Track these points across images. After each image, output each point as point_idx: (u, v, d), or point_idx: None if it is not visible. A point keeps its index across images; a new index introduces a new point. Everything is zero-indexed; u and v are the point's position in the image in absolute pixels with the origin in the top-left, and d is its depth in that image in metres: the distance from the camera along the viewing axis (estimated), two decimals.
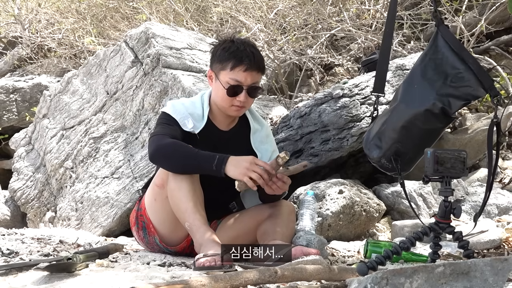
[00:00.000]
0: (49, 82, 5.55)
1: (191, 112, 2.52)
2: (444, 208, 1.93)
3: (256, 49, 2.52)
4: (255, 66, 2.45)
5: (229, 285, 1.68)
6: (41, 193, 4.20)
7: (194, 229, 2.31)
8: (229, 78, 2.44)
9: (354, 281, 1.53)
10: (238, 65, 2.43)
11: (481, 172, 3.92)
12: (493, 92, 2.17)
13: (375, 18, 5.00)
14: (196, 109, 2.54)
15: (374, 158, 2.33)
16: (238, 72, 2.43)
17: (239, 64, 2.43)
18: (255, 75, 2.46)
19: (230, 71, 2.44)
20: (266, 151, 2.60)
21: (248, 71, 2.44)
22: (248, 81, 2.45)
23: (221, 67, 2.47)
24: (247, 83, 2.45)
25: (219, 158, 2.30)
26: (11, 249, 2.46)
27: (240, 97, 2.45)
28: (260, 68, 2.49)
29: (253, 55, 2.45)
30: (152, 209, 2.51)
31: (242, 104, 2.47)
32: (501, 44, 5.24)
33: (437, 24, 2.29)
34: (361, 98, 3.51)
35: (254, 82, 2.47)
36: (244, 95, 2.45)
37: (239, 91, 2.45)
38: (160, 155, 2.39)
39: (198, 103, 2.57)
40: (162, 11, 5.90)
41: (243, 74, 2.43)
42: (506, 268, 1.49)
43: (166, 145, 2.36)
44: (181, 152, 2.34)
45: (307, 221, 2.71)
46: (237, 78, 2.44)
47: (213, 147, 2.46)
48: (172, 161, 2.36)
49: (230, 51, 2.46)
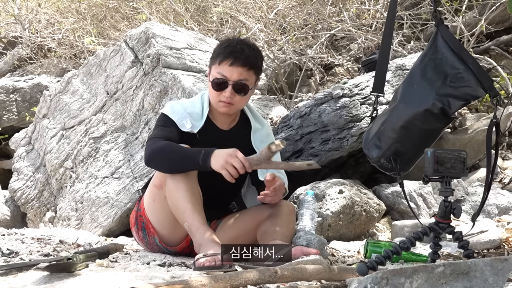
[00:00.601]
0: (49, 82, 5.55)
1: (190, 111, 2.52)
2: (444, 208, 1.93)
3: (250, 47, 2.50)
4: (241, 62, 2.43)
5: (229, 285, 1.68)
6: (41, 193, 4.20)
7: (193, 229, 2.31)
8: (216, 73, 2.46)
9: (354, 281, 1.53)
10: (225, 60, 2.44)
11: (481, 172, 3.92)
12: (492, 92, 2.17)
13: (375, 18, 5.00)
14: (195, 109, 2.54)
15: (374, 158, 2.33)
16: (224, 67, 2.44)
17: (226, 59, 2.44)
18: (242, 71, 2.44)
19: (218, 65, 2.46)
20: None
21: (234, 66, 2.43)
22: (234, 76, 2.44)
23: (212, 62, 2.51)
24: (233, 78, 2.44)
25: (204, 152, 2.31)
26: (11, 249, 2.46)
27: (226, 92, 2.45)
28: (250, 65, 2.46)
29: (242, 51, 2.45)
30: (151, 209, 2.51)
31: (229, 100, 2.46)
32: (501, 44, 5.24)
33: (437, 24, 2.29)
34: (361, 98, 3.51)
35: (241, 79, 2.45)
36: (229, 90, 2.45)
37: (224, 86, 2.45)
38: (153, 158, 2.41)
39: (197, 102, 2.57)
40: (162, 11, 5.90)
41: (229, 69, 2.43)
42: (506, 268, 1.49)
43: (158, 148, 2.38)
44: (171, 152, 2.36)
45: (307, 221, 2.71)
46: (223, 72, 2.45)
47: (213, 146, 2.46)
48: (164, 163, 2.38)
49: (222, 46, 2.49)
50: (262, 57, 2.58)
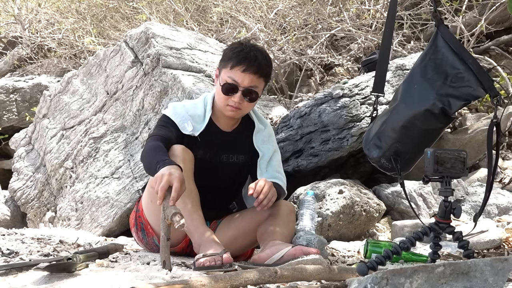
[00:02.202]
0: (49, 82, 5.55)
1: (191, 114, 2.52)
2: (444, 208, 1.93)
3: (263, 55, 2.50)
4: (254, 69, 2.43)
5: (229, 285, 1.68)
6: (41, 193, 4.20)
7: (192, 229, 2.31)
8: (227, 77, 2.45)
9: (354, 281, 1.53)
10: (238, 65, 2.43)
11: (481, 172, 3.92)
12: (492, 92, 2.17)
13: (375, 18, 5.00)
14: (197, 111, 2.54)
15: (374, 158, 2.33)
16: (236, 72, 2.43)
17: (238, 64, 2.43)
18: (253, 78, 2.45)
19: (229, 69, 2.45)
20: (268, 151, 2.60)
21: (246, 72, 2.43)
22: (245, 82, 2.43)
23: (224, 65, 2.49)
24: (244, 84, 2.44)
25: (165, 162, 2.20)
26: (11, 249, 2.45)
27: (235, 97, 2.44)
28: (261, 73, 2.46)
29: (255, 58, 2.44)
30: (149, 210, 2.51)
31: (237, 105, 2.46)
32: (501, 44, 5.24)
33: (437, 24, 2.29)
34: (361, 98, 3.51)
35: (252, 85, 2.45)
36: (239, 96, 2.44)
37: (234, 91, 2.44)
38: (141, 157, 2.45)
39: (200, 104, 2.57)
40: (162, 11, 5.90)
41: (241, 75, 2.43)
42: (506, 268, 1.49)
43: (146, 147, 2.40)
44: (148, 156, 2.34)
45: (307, 221, 2.70)
46: (234, 77, 2.44)
47: (216, 149, 2.46)
48: (144, 163, 2.41)
49: (235, 51, 2.47)
50: (272, 65, 2.58)
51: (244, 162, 2.59)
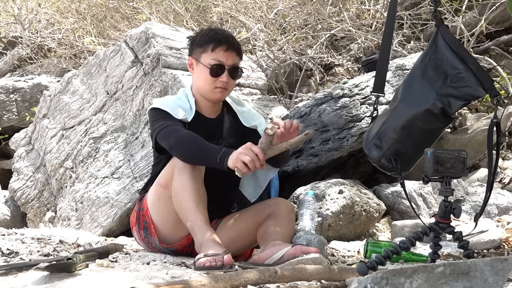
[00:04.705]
0: (49, 82, 5.55)
1: (179, 104, 2.58)
2: (444, 208, 1.93)
3: (232, 35, 2.65)
4: (234, 47, 2.56)
5: (229, 285, 1.68)
6: (41, 193, 4.20)
7: (196, 228, 2.32)
8: (211, 59, 2.54)
9: (354, 281, 1.53)
10: (219, 46, 2.54)
11: (481, 172, 3.92)
12: (493, 92, 2.17)
13: (375, 18, 5.00)
14: (183, 103, 2.59)
15: (374, 158, 2.33)
16: (219, 52, 2.54)
17: (219, 45, 2.54)
18: (234, 57, 2.57)
19: (211, 52, 2.54)
20: (261, 124, 2.68)
21: (229, 51, 2.54)
22: (229, 61, 2.55)
23: (202, 50, 2.56)
24: (229, 63, 2.55)
25: (224, 150, 2.31)
26: (11, 249, 2.45)
27: (223, 77, 2.53)
28: (238, 51, 2.59)
29: (231, 38, 2.59)
30: (155, 208, 2.52)
31: (225, 85, 2.55)
32: (501, 44, 5.24)
33: (437, 24, 2.29)
34: (361, 98, 3.51)
35: (235, 63, 2.57)
36: (226, 75, 2.54)
37: (221, 71, 2.54)
38: (180, 144, 2.40)
39: (182, 97, 2.63)
40: (162, 11, 5.90)
41: (224, 54, 2.54)
42: (506, 268, 1.49)
43: (184, 135, 2.41)
44: (196, 142, 2.37)
45: (307, 221, 2.71)
46: (219, 58, 2.54)
47: (206, 135, 2.46)
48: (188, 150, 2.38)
49: (209, 35, 2.58)
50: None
51: (235, 145, 2.55)
